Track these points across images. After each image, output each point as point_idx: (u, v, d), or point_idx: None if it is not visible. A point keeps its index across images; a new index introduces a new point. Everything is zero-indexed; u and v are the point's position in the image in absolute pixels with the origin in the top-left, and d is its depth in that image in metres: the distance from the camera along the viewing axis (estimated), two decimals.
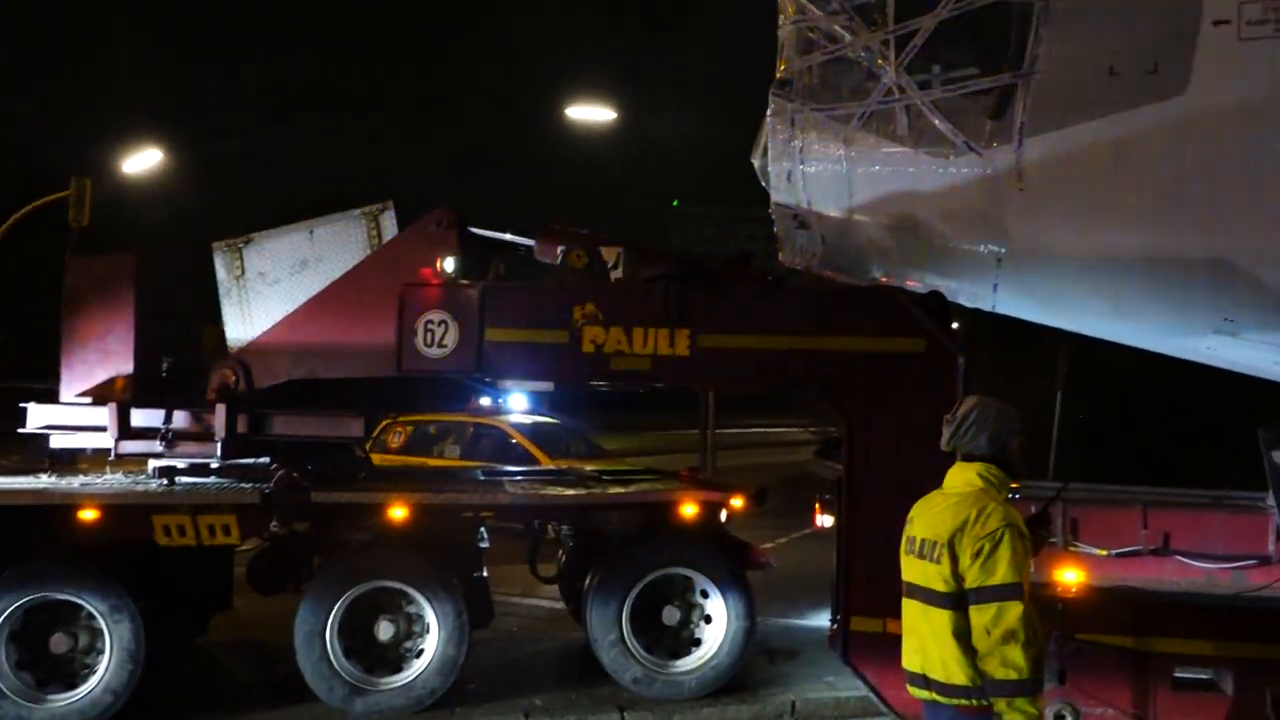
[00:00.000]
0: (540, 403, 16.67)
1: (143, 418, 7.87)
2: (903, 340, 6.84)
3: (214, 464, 7.97)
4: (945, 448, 4.43)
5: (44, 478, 8.13)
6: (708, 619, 8.01)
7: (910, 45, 6.48)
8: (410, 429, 16.07)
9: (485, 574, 8.45)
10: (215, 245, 8.32)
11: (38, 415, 7.97)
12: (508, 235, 8.21)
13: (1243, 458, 8.45)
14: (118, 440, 7.79)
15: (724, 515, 8.31)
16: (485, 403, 15.81)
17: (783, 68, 7.17)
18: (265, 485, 7.56)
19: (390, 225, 8.17)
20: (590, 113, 19.88)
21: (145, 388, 7.98)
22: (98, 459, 8.36)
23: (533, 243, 8.10)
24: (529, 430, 15.67)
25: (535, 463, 13.97)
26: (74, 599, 7.26)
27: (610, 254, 7.74)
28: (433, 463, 14.89)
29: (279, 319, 8.06)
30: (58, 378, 8.03)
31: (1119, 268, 6.37)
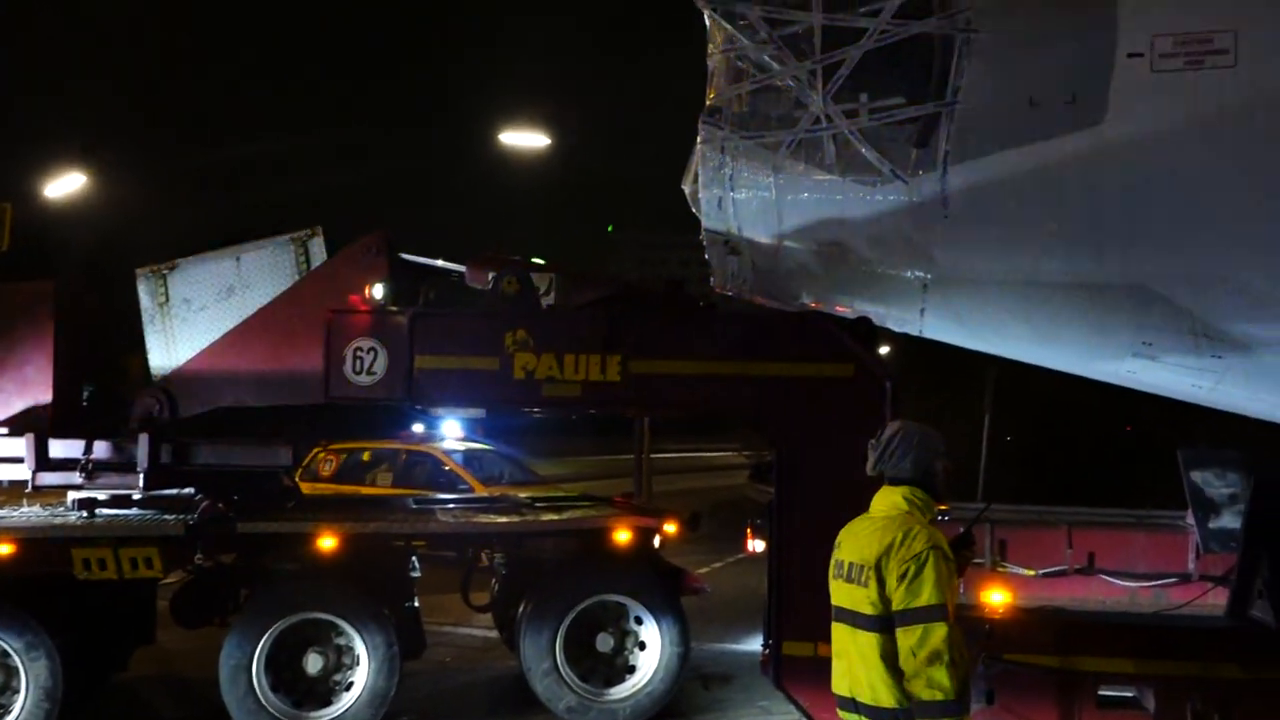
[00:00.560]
0: (474, 429, 16.57)
1: (62, 448, 7.69)
2: (831, 365, 6.92)
3: (136, 495, 7.80)
4: (870, 472, 4.47)
5: None
6: (642, 646, 7.99)
7: (837, 75, 6.58)
8: (341, 456, 15.85)
9: (417, 603, 8.36)
10: (139, 271, 8.18)
11: None
12: (439, 261, 8.17)
13: (1164, 477, 8.65)
14: (35, 471, 7.60)
15: (658, 541, 8.31)
16: (418, 429, 15.70)
17: (712, 96, 7.24)
18: (190, 516, 7.42)
19: (319, 251, 8.09)
20: (524, 139, 19.84)
21: (65, 418, 7.80)
22: (15, 491, 8.15)
23: (464, 269, 8.07)
24: (462, 457, 15.56)
25: (468, 490, 13.86)
26: None
27: (542, 280, 7.75)
28: (364, 491, 14.71)
29: (204, 346, 7.94)
30: None
31: (1041, 293, 6.51)
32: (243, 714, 7.38)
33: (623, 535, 7.97)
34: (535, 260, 8.35)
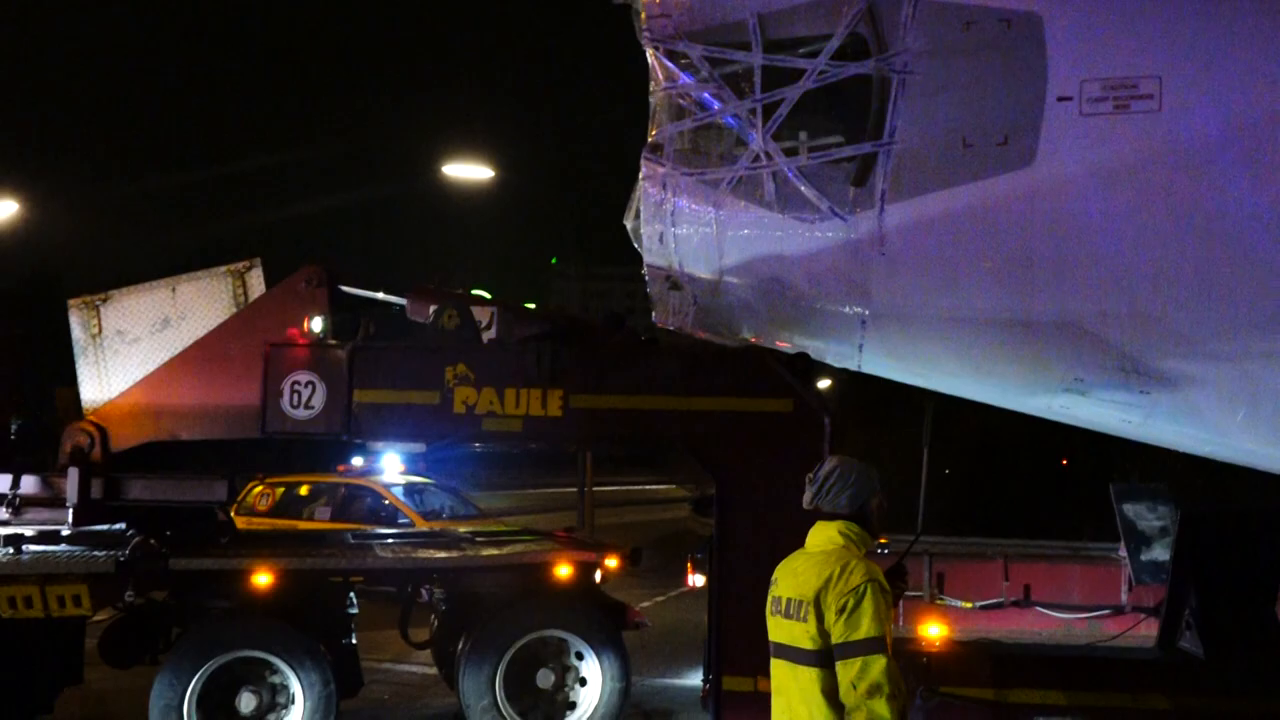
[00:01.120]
0: (415, 462, 16.43)
1: None
2: (770, 400, 6.99)
3: (65, 531, 7.63)
4: (807, 506, 4.51)
5: None
6: (583, 681, 7.94)
7: (776, 114, 6.69)
8: (279, 490, 15.63)
9: (354, 641, 8.25)
10: (71, 303, 8.05)
11: None
12: (379, 294, 8.14)
13: (1098, 510, 8.83)
14: None
15: (599, 576, 8.30)
16: (359, 463, 15.53)
17: (654, 132, 7.31)
18: (120, 552, 7.27)
19: (258, 283, 8.02)
20: (467, 170, 19.84)
21: None
22: None
23: (405, 301, 8.04)
24: (402, 491, 15.41)
25: (409, 524, 13.74)
26: None
27: (484, 314, 7.75)
28: (302, 525, 14.50)
29: (138, 379, 7.82)
30: None
31: (976, 329, 6.64)
32: None
33: (564, 570, 7.95)
34: (478, 292, 8.34)
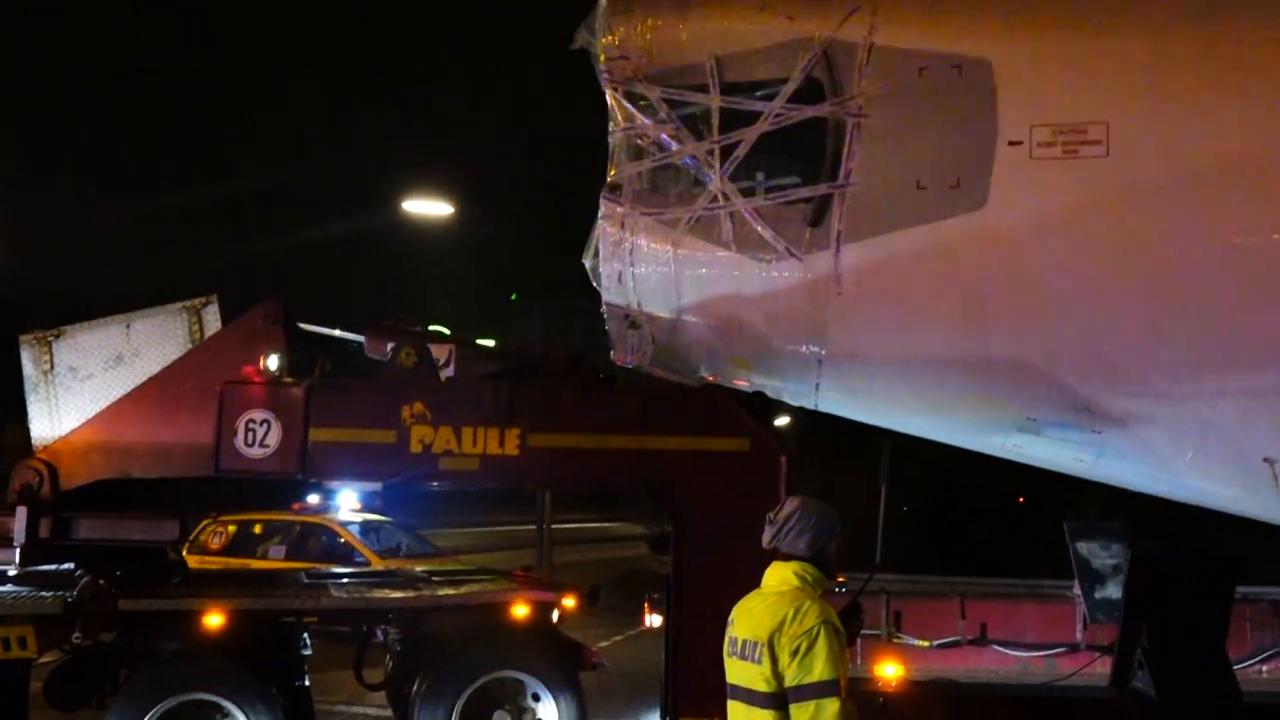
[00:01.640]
0: (372, 499, 16.30)
1: None
2: (728, 440, 7.04)
3: (12, 571, 7.52)
4: (766, 545, 4.54)
5: None
6: None
7: (734, 155, 6.77)
8: (232, 528, 15.43)
9: (307, 682, 8.16)
10: (22, 338, 7.97)
11: None
12: (336, 331, 8.12)
13: (1055, 547, 8.91)
14: None
15: (556, 615, 8.26)
16: (314, 500, 15.39)
17: (613, 172, 7.36)
18: (68, 593, 7.15)
19: (214, 320, 7.99)
20: (427, 206, 19.83)
21: None
22: None
23: (363, 339, 8.03)
24: (358, 529, 15.27)
25: (365, 563, 13.61)
26: None
27: (441, 351, 7.74)
28: (255, 564, 14.32)
29: (90, 416, 7.73)
30: None
31: (930, 369, 6.71)
32: None
33: (520, 610, 7.91)
34: (437, 329, 8.34)
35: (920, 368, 6.74)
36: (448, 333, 9.07)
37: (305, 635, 8.17)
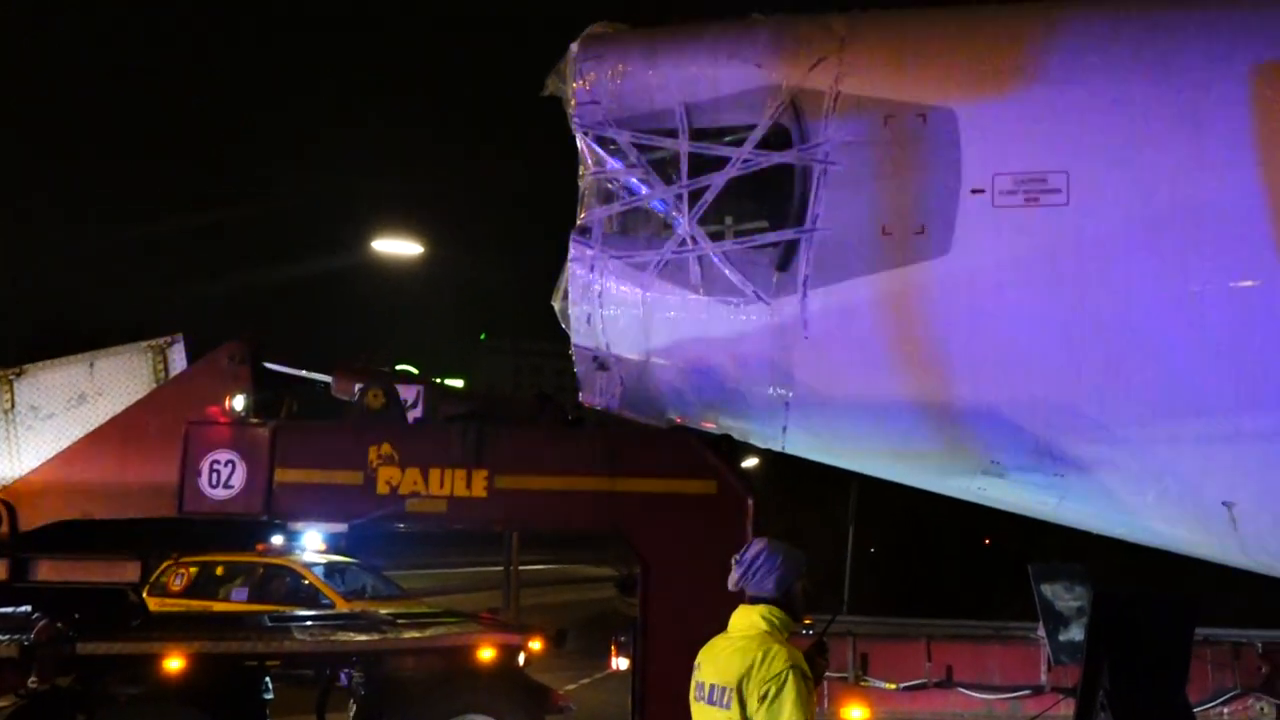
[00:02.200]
0: (337, 540, 16.13)
1: None
2: (695, 482, 7.07)
3: None
4: (732, 588, 4.55)
5: None
6: None
7: (702, 200, 6.84)
8: (194, 570, 15.23)
9: None
10: None
11: None
12: (303, 371, 8.09)
13: (1020, 589, 8.98)
14: None
15: (523, 659, 8.21)
16: (277, 541, 15.20)
17: (583, 215, 7.41)
18: (25, 636, 7.03)
19: (179, 359, 7.94)
20: (397, 246, 19.85)
21: None
22: None
23: (330, 379, 8.00)
24: (323, 570, 15.11)
25: (329, 605, 13.47)
26: None
27: (410, 392, 7.73)
28: (217, 607, 14.14)
29: (52, 456, 7.64)
30: None
31: (896, 413, 6.77)
32: None
33: (486, 653, 7.86)
34: (405, 368, 8.33)
35: (886, 411, 6.80)
36: (416, 373, 9.04)
37: (267, 679, 8.07)
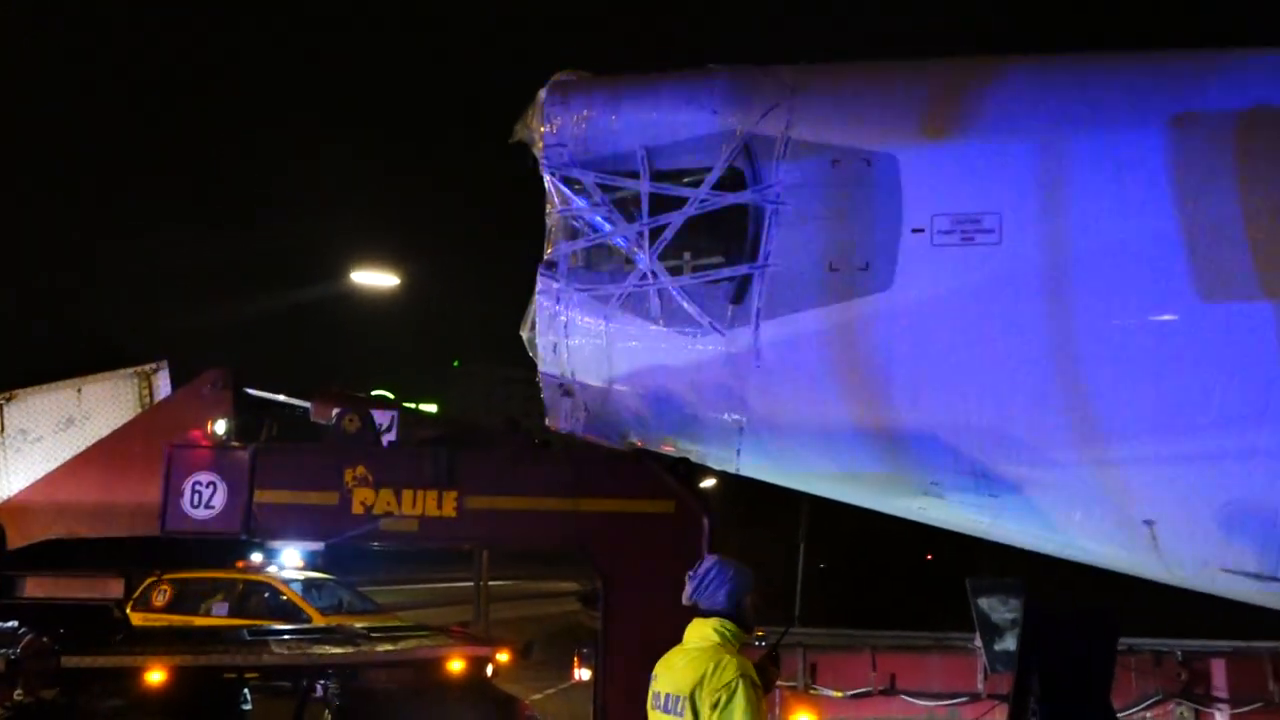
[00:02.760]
0: (314, 558, 15.98)
1: None
2: (654, 502, 7.09)
3: None
4: (686, 602, 4.57)
5: None
6: None
7: (662, 237, 6.88)
8: (176, 586, 15.01)
9: None
10: None
11: None
12: (282, 396, 8.05)
13: (959, 602, 9.04)
14: None
15: (491, 670, 8.16)
16: (257, 559, 15.04)
17: (550, 250, 7.43)
18: (11, 650, 6.91)
19: (163, 385, 7.87)
20: (374, 278, 19.80)
21: None
22: None
23: (308, 404, 7.96)
24: (300, 586, 14.95)
25: (307, 619, 13.31)
26: None
27: (385, 416, 7.70)
28: (198, 621, 13.94)
29: (40, 477, 7.53)
30: None
31: (842, 437, 6.82)
32: None
33: (456, 665, 7.82)
34: (381, 393, 8.29)
35: (834, 436, 6.84)
36: (391, 398, 9.02)
37: (246, 691, 7.96)
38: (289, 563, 15.36)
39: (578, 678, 7.99)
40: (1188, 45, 6.63)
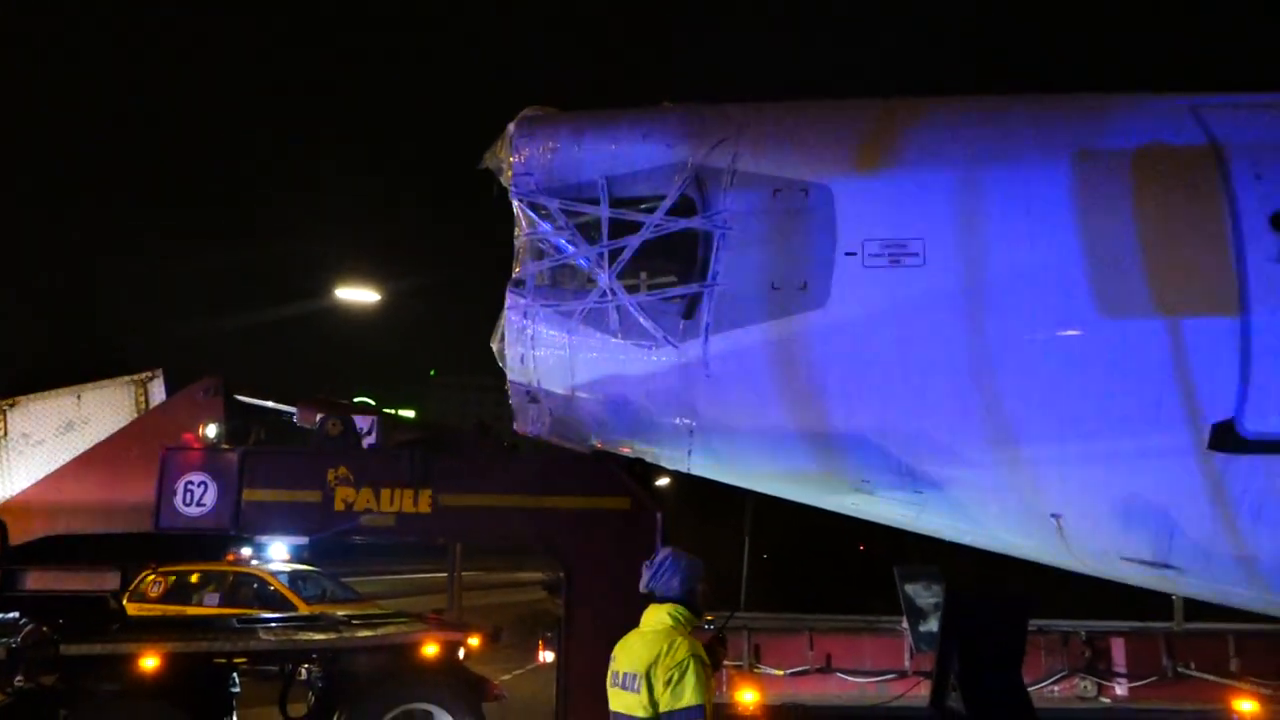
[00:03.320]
0: (299, 551, 15.81)
1: None
2: (612, 499, 7.11)
3: None
4: (643, 589, 4.59)
5: None
6: None
7: (620, 258, 6.91)
8: (170, 578, 14.76)
9: (235, 718, 7.80)
10: None
11: None
12: (270, 403, 7.98)
13: (886, 588, 9.12)
14: None
15: (463, 653, 8.11)
16: (246, 552, 14.85)
17: (518, 269, 7.43)
18: (12, 639, 6.77)
19: (159, 392, 7.77)
20: (356, 294, 19.70)
21: None
22: None
23: (294, 410, 7.90)
24: (287, 578, 14.76)
25: (292, 608, 13.13)
26: None
27: (366, 421, 7.65)
28: (191, 611, 13.70)
29: (41, 478, 7.40)
30: None
31: (782, 439, 6.87)
32: None
33: (430, 649, 7.76)
34: (363, 400, 8.24)
35: (775, 439, 6.89)
36: (372, 404, 8.96)
37: (235, 675, 7.85)
38: (276, 556, 15.19)
39: (543, 660, 7.95)
40: (1100, 85, 6.77)
